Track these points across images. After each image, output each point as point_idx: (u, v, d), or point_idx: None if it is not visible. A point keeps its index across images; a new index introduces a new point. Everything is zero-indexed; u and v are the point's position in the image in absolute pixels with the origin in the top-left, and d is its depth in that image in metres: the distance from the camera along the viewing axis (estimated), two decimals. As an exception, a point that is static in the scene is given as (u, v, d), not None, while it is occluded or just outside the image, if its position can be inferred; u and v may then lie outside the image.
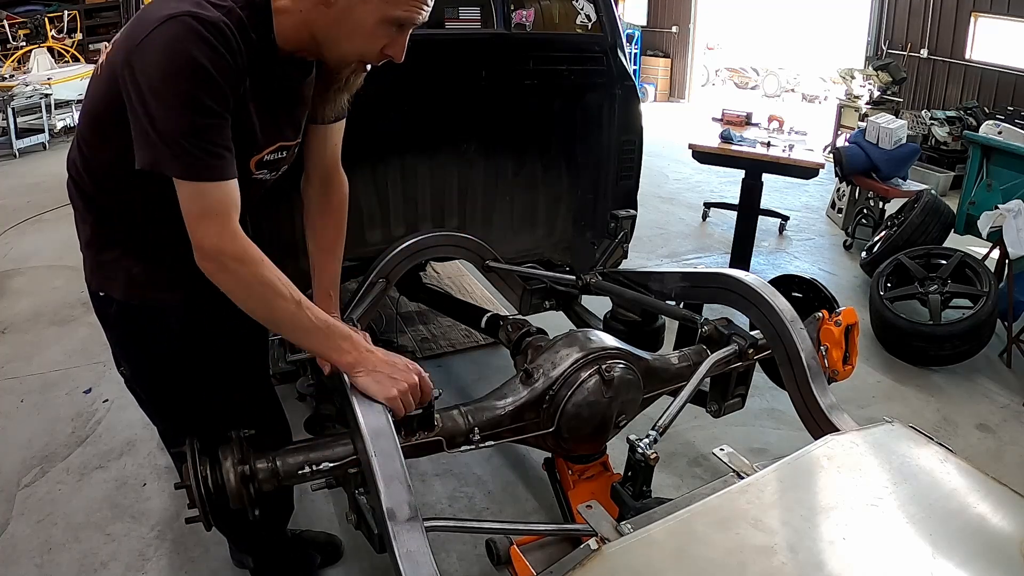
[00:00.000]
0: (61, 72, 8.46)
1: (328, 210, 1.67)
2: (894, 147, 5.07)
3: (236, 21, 1.17)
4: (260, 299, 1.27)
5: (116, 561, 2.27)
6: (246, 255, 1.24)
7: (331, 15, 1.20)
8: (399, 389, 1.35)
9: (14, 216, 5.48)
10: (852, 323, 1.80)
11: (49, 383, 3.24)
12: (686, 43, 11.74)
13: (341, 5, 1.19)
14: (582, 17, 2.80)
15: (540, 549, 1.44)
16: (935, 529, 1.17)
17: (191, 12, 1.12)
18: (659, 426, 1.54)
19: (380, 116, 2.56)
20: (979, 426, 3.10)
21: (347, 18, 1.20)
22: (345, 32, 1.23)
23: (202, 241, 1.21)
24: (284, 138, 1.41)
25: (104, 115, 1.27)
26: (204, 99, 1.14)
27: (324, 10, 1.20)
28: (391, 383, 1.35)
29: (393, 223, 2.83)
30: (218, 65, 1.13)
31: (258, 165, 1.38)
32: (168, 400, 1.62)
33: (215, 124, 1.17)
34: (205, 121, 1.15)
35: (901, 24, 8.14)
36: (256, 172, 1.39)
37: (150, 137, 1.14)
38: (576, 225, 3.09)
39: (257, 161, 1.37)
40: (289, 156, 1.48)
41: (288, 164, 1.50)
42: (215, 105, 1.15)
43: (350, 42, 1.25)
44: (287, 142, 1.42)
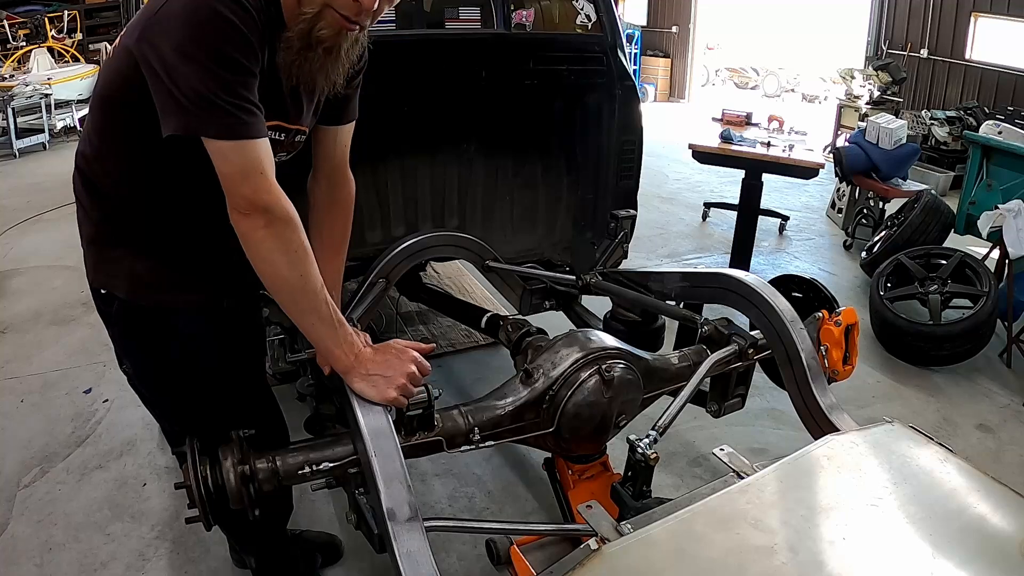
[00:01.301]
0: (61, 72, 8.46)
1: (334, 209, 1.66)
2: (894, 147, 5.07)
3: None
4: (295, 265, 1.23)
5: (116, 561, 2.27)
6: (292, 217, 1.21)
7: None
8: (396, 386, 1.36)
9: (14, 216, 5.48)
10: (852, 323, 1.80)
11: (49, 383, 3.24)
12: (686, 43, 11.74)
13: None
14: (582, 17, 2.80)
15: (540, 549, 1.44)
16: (935, 529, 1.17)
17: None
18: (659, 426, 1.54)
19: (380, 116, 2.56)
20: (979, 426, 3.10)
21: None
22: None
23: (248, 197, 1.17)
24: (284, 118, 1.36)
25: (117, 97, 1.24)
26: (233, 53, 1.11)
27: None
28: (386, 384, 1.35)
29: (393, 223, 2.83)
30: (244, 19, 1.11)
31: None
32: (171, 400, 1.62)
33: (246, 81, 1.14)
34: (236, 77, 1.12)
35: (901, 24, 8.14)
36: None
37: (180, 102, 1.10)
38: (576, 225, 3.09)
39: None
40: (288, 141, 1.43)
41: (286, 152, 1.46)
42: (244, 60, 1.13)
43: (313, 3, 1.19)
44: (287, 124, 1.38)
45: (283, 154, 1.46)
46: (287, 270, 1.25)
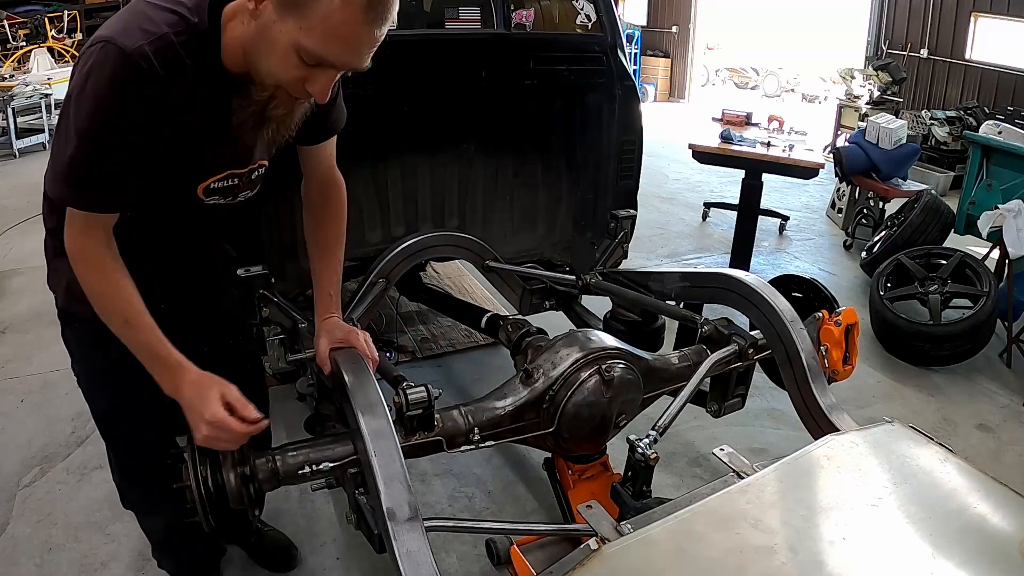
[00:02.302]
0: (61, 72, 8.46)
1: (327, 211, 1.65)
2: (894, 147, 5.07)
3: (162, 49, 1.12)
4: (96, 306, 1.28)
5: (116, 561, 2.27)
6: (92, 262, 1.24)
7: (256, 27, 1.13)
8: (202, 434, 1.24)
9: (14, 216, 5.48)
10: (852, 323, 1.80)
11: (49, 383, 3.24)
12: (686, 43, 11.74)
13: (264, 19, 1.10)
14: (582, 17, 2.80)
15: (540, 549, 1.44)
16: (935, 529, 1.17)
17: (113, 40, 1.10)
18: (659, 426, 1.55)
19: (380, 116, 2.56)
20: (979, 426, 3.10)
21: (266, 33, 1.11)
22: (264, 49, 1.13)
23: (72, 247, 1.24)
24: (233, 166, 1.36)
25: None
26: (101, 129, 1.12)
27: (252, 22, 1.13)
28: (193, 424, 1.25)
29: (393, 223, 2.84)
30: (125, 107, 1.11)
31: (207, 192, 1.36)
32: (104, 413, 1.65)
33: (112, 157, 1.16)
34: (102, 155, 1.14)
35: (901, 24, 8.14)
36: (207, 198, 1.38)
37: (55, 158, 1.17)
38: (576, 225, 3.09)
39: (204, 188, 1.35)
40: (244, 183, 1.43)
41: (251, 190, 1.47)
42: (116, 139, 1.14)
43: (267, 61, 1.14)
44: (238, 169, 1.38)
45: (246, 192, 1.46)
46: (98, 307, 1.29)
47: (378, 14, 1.07)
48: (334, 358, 1.52)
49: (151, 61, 1.10)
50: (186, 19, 1.16)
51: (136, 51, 1.09)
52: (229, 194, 1.41)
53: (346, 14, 1.05)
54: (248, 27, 1.14)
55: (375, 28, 1.08)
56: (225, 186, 1.39)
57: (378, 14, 1.07)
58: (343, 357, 1.51)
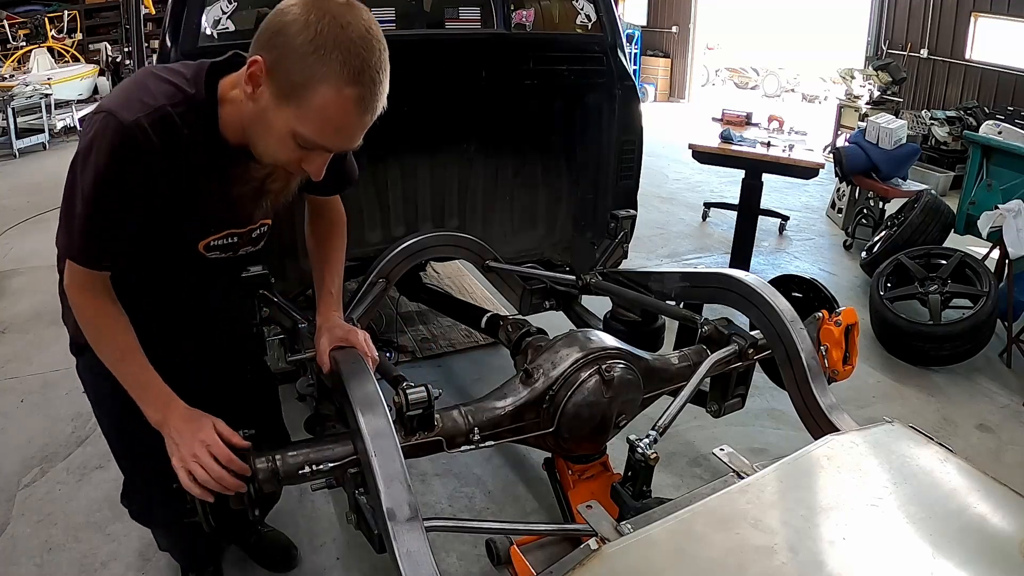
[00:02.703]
0: (61, 72, 8.47)
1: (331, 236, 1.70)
2: (894, 147, 5.07)
3: (158, 121, 1.18)
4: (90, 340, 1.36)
5: (116, 561, 2.27)
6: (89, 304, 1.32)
7: (255, 109, 1.18)
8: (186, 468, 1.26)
9: (14, 216, 5.48)
10: (852, 323, 1.80)
11: (49, 383, 3.24)
12: (686, 43, 11.73)
13: (263, 103, 1.16)
14: (582, 17, 2.79)
15: (540, 549, 1.44)
16: (935, 529, 1.17)
17: (113, 112, 1.16)
18: (659, 426, 1.54)
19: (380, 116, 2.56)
20: (979, 426, 3.10)
21: (265, 117, 1.17)
22: (262, 130, 1.20)
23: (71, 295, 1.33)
24: (234, 226, 1.42)
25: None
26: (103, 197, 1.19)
27: (251, 103, 1.17)
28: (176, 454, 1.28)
29: (393, 223, 2.83)
30: (124, 176, 1.18)
31: (208, 248, 1.42)
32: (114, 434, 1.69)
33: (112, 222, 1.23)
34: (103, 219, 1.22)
35: (901, 24, 8.14)
36: (208, 253, 1.43)
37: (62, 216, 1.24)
38: (576, 225, 3.09)
39: (206, 244, 1.41)
40: (244, 241, 1.48)
41: (252, 246, 1.52)
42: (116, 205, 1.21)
43: (266, 142, 1.21)
44: (237, 229, 1.44)
45: (248, 247, 1.51)
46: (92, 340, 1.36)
47: (369, 104, 1.14)
48: (334, 357, 1.53)
49: (147, 133, 1.16)
50: (183, 90, 1.22)
51: (133, 123, 1.16)
52: (230, 250, 1.47)
53: (340, 105, 1.11)
54: (246, 107, 1.19)
55: (367, 116, 1.15)
56: (226, 243, 1.45)
57: (369, 104, 1.14)
58: (343, 357, 1.51)
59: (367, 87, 1.11)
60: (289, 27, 1.10)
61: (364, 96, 1.12)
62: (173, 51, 2.16)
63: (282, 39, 1.10)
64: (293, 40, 1.09)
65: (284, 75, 1.11)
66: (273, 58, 1.11)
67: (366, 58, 1.10)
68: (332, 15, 1.09)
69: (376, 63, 1.12)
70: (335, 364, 1.51)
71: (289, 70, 1.10)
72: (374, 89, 1.12)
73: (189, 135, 1.21)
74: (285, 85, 1.12)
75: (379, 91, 1.14)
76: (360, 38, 1.10)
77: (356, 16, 1.11)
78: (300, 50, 1.09)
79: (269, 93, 1.14)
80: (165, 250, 1.37)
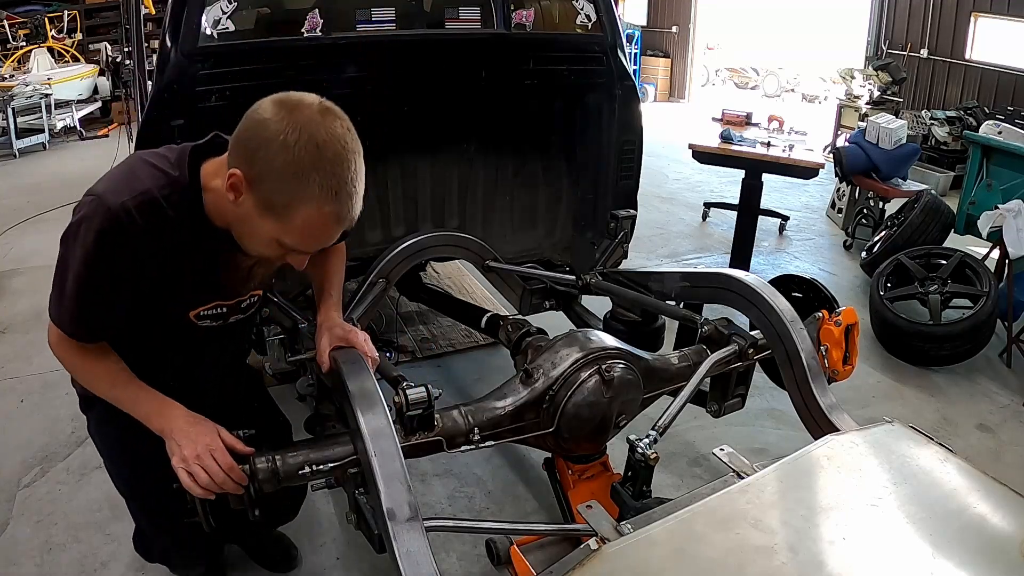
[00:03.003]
0: (61, 72, 8.45)
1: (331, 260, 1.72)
2: (894, 147, 5.07)
3: (143, 204, 1.22)
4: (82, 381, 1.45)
5: (116, 561, 2.27)
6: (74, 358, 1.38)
7: (238, 211, 1.22)
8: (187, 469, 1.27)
9: (14, 216, 5.48)
10: (852, 323, 1.80)
11: (49, 383, 3.24)
12: (686, 43, 11.73)
13: (245, 208, 1.20)
14: (582, 17, 2.79)
15: (540, 549, 1.45)
16: (935, 529, 1.17)
17: (101, 196, 1.22)
18: (659, 426, 1.55)
19: (380, 116, 2.56)
20: (979, 426, 3.10)
21: (248, 221, 1.22)
22: (246, 232, 1.26)
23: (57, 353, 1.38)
24: (221, 298, 1.46)
25: None
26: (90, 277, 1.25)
27: (233, 204, 1.21)
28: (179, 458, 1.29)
29: (393, 223, 2.83)
30: (110, 258, 1.23)
31: (199, 317, 1.45)
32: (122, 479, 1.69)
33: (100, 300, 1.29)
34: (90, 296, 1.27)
35: (901, 24, 8.14)
36: (199, 322, 1.46)
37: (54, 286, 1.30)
38: (576, 225, 3.09)
39: (196, 314, 1.44)
40: (234, 311, 1.51)
41: (242, 314, 1.55)
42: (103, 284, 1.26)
43: (250, 241, 1.27)
44: (225, 301, 1.47)
45: (238, 315, 1.54)
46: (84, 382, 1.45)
47: (346, 216, 1.21)
48: (334, 357, 1.53)
49: (133, 215, 1.21)
50: (168, 174, 1.26)
51: (119, 207, 1.20)
52: (220, 319, 1.50)
53: (320, 222, 1.19)
54: (229, 207, 1.23)
55: (345, 224, 1.23)
56: (215, 313, 1.48)
57: (346, 216, 1.21)
58: (343, 356, 1.51)
59: (344, 203, 1.18)
60: (268, 145, 1.13)
61: (342, 212, 1.19)
62: (173, 51, 2.16)
63: (261, 157, 1.14)
64: (272, 162, 1.13)
65: (266, 193, 1.16)
66: (253, 174, 1.15)
67: (342, 176, 1.16)
68: (309, 134, 1.13)
69: (352, 178, 1.18)
70: (335, 364, 1.51)
71: (270, 190, 1.15)
72: (351, 203, 1.20)
73: (175, 217, 1.25)
74: (267, 202, 1.17)
75: (356, 202, 1.21)
76: (336, 156, 1.15)
77: (330, 131, 1.16)
78: (280, 172, 1.13)
79: (251, 204, 1.18)
80: (155, 320, 1.40)
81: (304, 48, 2.35)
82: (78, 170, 6.76)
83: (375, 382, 1.44)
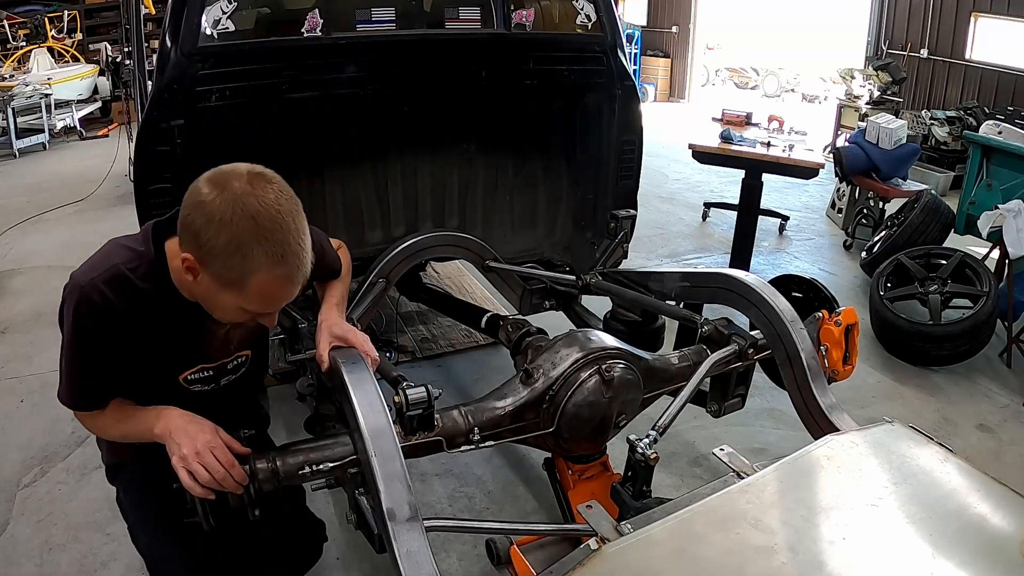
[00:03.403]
0: (61, 72, 8.45)
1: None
2: (894, 147, 5.07)
3: (112, 279, 1.30)
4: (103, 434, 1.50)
5: (116, 561, 2.27)
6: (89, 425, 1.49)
7: (199, 287, 1.29)
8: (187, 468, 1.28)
9: (14, 216, 5.48)
10: (852, 323, 1.81)
11: (49, 383, 3.24)
12: (686, 43, 11.73)
13: (204, 284, 1.27)
14: (582, 17, 2.79)
15: (540, 549, 1.45)
16: (935, 529, 1.17)
17: (76, 278, 1.32)
18: (659, 426, 1.55)
19: (381, 116, 2.56)
20: (979, 426, 3.10)
21: (211, 296, 1.30)
22: (212, 305, 1.33)
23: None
24: (204, 361, 1.51)
25: None
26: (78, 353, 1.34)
27: (193, 280, 1.28)
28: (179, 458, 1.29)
29: (393, 223, 2.83)
30: (92, 334, 1.32)
31: (188, 380, 1.50)
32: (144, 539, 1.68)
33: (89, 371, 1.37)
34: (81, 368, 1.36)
35: (901, 24, 8.14)
36: (191, 386, 1.51)
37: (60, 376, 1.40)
38: (576, 225, 3.09)
39: (184, 378, 1.49)
40: (221, 373, 1.55)
41: (233, 375, 1.59)
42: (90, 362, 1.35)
43: (219, 311, 1.34)
44: (209, 363, 1.52)
45: (229, 377, 1.58)
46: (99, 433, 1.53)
47: (298, 274, 1.26)
48: (334, 357, 1.53)
49: (102, 291, 1.29)
50: (136, 250, 1.36)
51: (89, 285, 1.30)
52: (210, 382, 1.54)
53: (275, 284, 1.25)
54: (188, 277, 1.29)
55: (299, 283, 1.29)
56: (203, 377, 1.52)
57: (298, 274, 1.26)
58: (343, 356, 1.51)
59: (292, 263, 1.24)
60: (208, 227, 1.19)
61: (292, 272, 1.25)
62: (173, 51, 2.16)
63: (205, 240, 1.20)
64: (214, 243, 1.19)
65: (218, 270, 1.23)
66: (202, 255, 1.22)
67: (283, 240, 1.21)
68: (241, 207, 1.18)
69: (294, 238, 1.23)
70: (335, 364, 1.51)
71: (221, 267, 1.22)
72: (299, 260, 1.25)
73: (145, 289, 1.34)
74: (221, 278, 1.24)
75: (304, 258, 1.26)
76: (272, 223, 1.20)
77: (262, 200, 1.20)
78: (224, 250, 1.20)
79: (208, 280, 1.26)
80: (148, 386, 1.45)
81: (304, 48, 2.35)
82: (78, 170, 6.77)
83: (375, 382, 1.44)
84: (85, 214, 5.43)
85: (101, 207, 5.67)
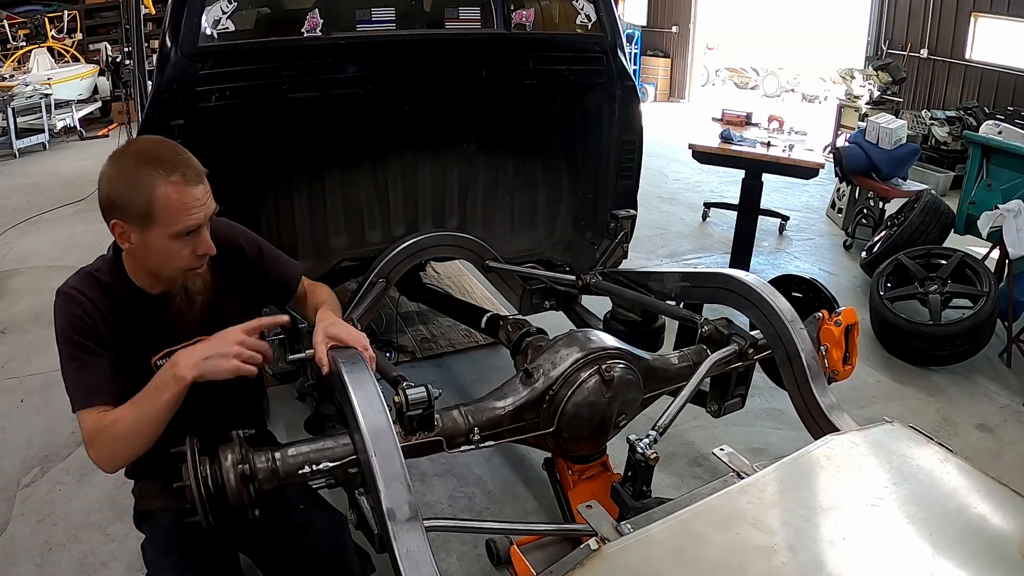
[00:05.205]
0: (61, 72, 8.45)
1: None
2: (894, 147, 5.07)
3: (82, 279, 1.50)
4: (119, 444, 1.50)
5: (116, 561, 2.27)
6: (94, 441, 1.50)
7: (140, 249, 1.44)
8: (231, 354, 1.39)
9: (14, 216, 5.48)
10: (852, 323, 1.81)
11: (49, 383, 3.24)
12: (686, 43, 11.73)
13: (136, 242, 1.42)
14: (582, 17, 2.79)
15: (540, 549, 1.45)
16: (935, 529, 1.17)
17: (62, 287, 1.49)
18: (659, 426, 1.55)
19: (380, 116, 2.56)
20: (979, 426, 3.10)
21: (148, 249, 1.43)
22: (154, 259, 1.47)
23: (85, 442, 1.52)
24: (170, 343, 1.57)
25: None
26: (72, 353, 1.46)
27: (131, 249, 1.44)
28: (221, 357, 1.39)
29: (393, 223, 2.83)
30: (73, 327, 1.46)
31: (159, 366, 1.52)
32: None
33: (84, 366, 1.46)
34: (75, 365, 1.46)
35: (901, 24, 8.14)
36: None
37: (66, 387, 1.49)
38: (576, 225, 3.09)
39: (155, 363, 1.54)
40: None
41: None
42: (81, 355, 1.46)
43: (165, 263, 1.47)
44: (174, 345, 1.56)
45: None
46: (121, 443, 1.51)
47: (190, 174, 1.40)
48: (333, 357, 1.53)
49: (77, 289, 1.49)
50: (103, 257, 1.57)
51: (65, 287, 1.50)
52: None
53: (176, 190, 1.39)
54: (135, 254, 1.47)
55: (198, 183, 1.42)
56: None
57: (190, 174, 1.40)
58: (343, 356, 1.51)
59: (178, 166, 1.39)
60: (110, 192, 1.40)
61: (184, 172, 1.40)
62: (173, 51, 2.16)
63: (112, 201, 1.40)
64: (117, 196, 1.39)
65: (133, 215, 1.39)
66: (119, 215, 1.40)
67: (159, 155, 1.40)
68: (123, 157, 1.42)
69: (167, 150, 1.42)
70: (334, 364, 1.51)
71: (130, 207, 1.39)
72: (183, 162, 1.40)
73: (106, 281, 1.51)
74: (138, 219, 1.39)
75: (188, 159, 1.42)
76: (144, 151, 1.42)
77: (134, 145, 1.47)
78: (124, 190, 1.39)
79: (135, 233, 1.41)
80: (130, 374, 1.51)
81: (304, 48, 2.35)
82: (78, 170, 6.76)
83: (375, 382, 1.44)
84: (84, 214, 5.41)
85: (101, 207, 5.69)
